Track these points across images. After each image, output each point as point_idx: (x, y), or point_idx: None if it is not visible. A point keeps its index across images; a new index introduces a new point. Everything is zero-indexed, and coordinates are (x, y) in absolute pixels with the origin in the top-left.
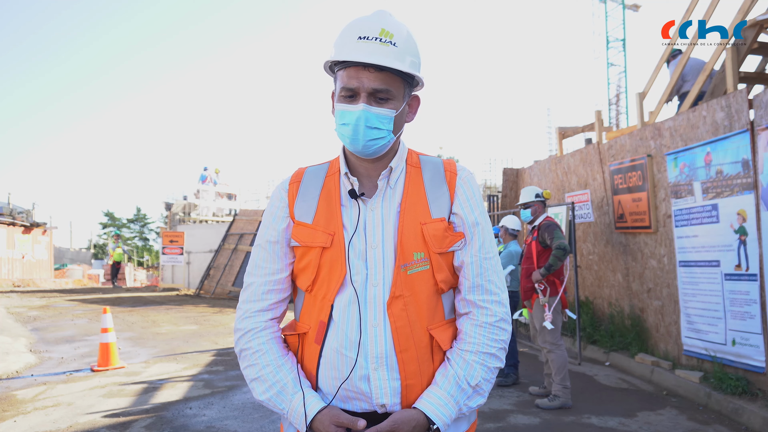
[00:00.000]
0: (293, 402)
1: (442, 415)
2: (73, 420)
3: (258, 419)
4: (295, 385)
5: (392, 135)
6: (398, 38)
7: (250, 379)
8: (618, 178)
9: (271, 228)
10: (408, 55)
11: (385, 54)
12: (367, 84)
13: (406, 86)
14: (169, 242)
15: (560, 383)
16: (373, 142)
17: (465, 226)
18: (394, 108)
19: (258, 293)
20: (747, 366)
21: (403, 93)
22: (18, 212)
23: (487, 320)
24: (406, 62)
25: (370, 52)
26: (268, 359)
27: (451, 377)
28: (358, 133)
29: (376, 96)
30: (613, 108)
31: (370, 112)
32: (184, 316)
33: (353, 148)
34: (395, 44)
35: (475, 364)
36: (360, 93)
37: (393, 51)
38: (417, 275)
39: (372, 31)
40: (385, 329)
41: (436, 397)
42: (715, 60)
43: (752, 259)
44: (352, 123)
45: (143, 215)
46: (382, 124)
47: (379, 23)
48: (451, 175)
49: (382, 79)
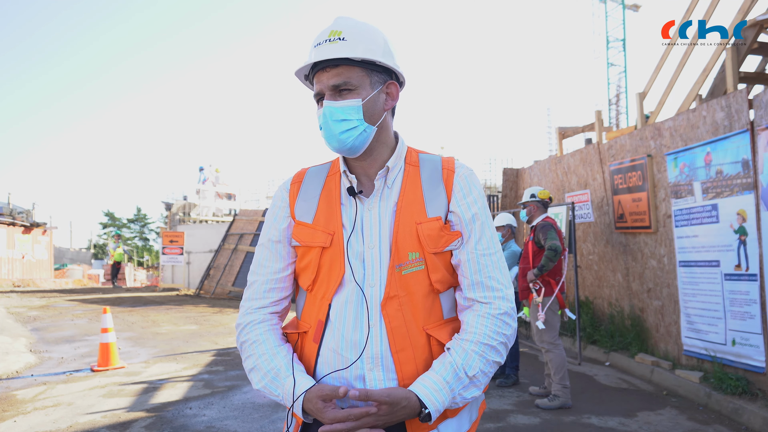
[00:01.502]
0: (285, 386)
1: (435, 400)
2: (73, 420)
3: (258, 419)
4: (287, 369)
5: (366, 124)
6: (347, 33)
7: (248, 370)
8: (618, 178)
9: (273, 227)
10: (360, 43)
11: (334, 50)
12: (326, 82)
13: (371, 74)
14: (169, 242)
15: (559, 383)
16: (346, 135)
17: (462, 223)
18: (358, 96)
19: (260, 291)
20: (747, 366)
21: (368, 81)
22: (18, 212)
23: (491, 312)
24: (358, 50)
25: (320, 52)
26: (264, 348)
27: (448, 364)
28: (330, 130)
29: (338, 91)
30: (613, 108)
31: (333, 107)
32: (184, 316)
33: (333, 147)
34: (343, 38)
35: (474, 354)
36: (324, 93)
37: (342, 45)
38: (411, 275)
39: (323, 36)
40: (381, 329)
41: (432, 381)
42: (715, 60)
43: (752, 259)
44: (322, 123)
45: (143, 215)
46: (349, 114)
47: (330, 27)
48: (448, 173)
49: (338, 73)
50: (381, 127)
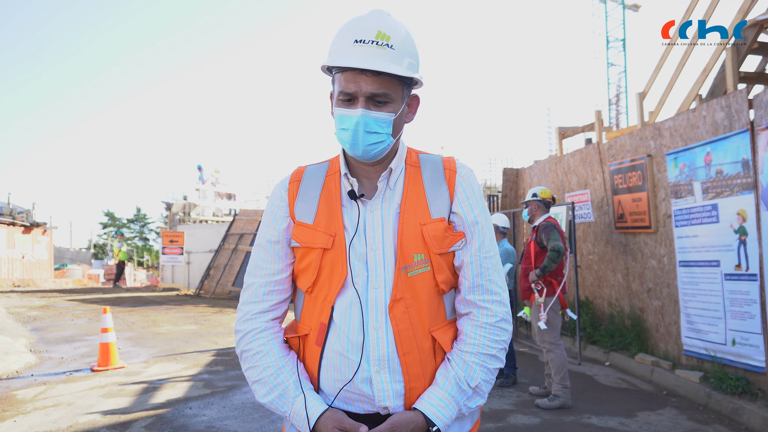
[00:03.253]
0: (295, 405)
1: (443, 416)
2: (73, 420)
3: (258, 419)
4: (296, 388)
5: (391, 138)
6: (395, 40)
7: (252, 382)
8: (618, 178)
9: (272, 228)
10: (406, 56)
11: (382, 58)
12: (365, 88)
13: (404, 88)
14: (169, 242)
15: (560, 383)
16: (372, 147)
17: (465, 225)
18: (393, 111)
19: (259, 294)
20: (747, 366)
21: (401, 95)
22: (18, 212)
23: (488, 321)
24: (404, 65)
25: (367, 56)
26: (269, 361)
27: (451, 378)
28: (357, 138)
29: (374, 100)
30: (613, 108)
31: (368, 117)
32: (184, 316)
33: (353, 153)
34: (392, 47)
35: (475, 365)
36: (358, 97)
37: (390, 54)
38: (418, 277)
39: (368, 33)
40: (387, 332)
41: (437, 398)
42: (715, 60)
43: (752, 259)
44: (351, 128)
45: (143, 215)
46: (381, 128)
47: (376, 25)
48: (450, 173)
49: (379, 83)
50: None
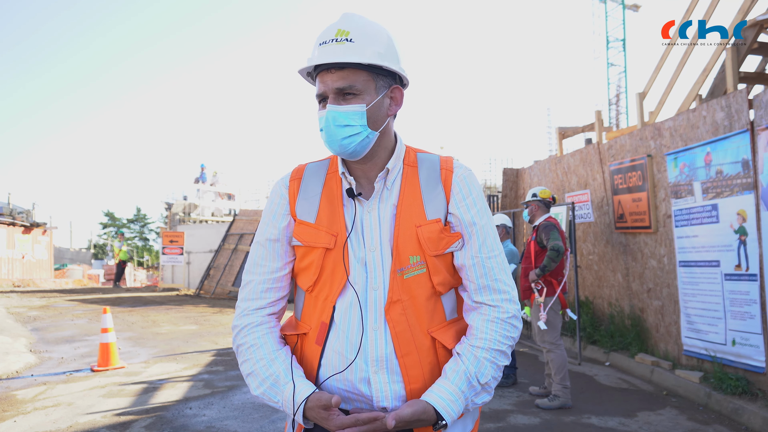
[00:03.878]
0: (285, 392)
1: (451, 411)
2: (73, 420)
3: (258, 419)
4: (286, 376)
5: (369, 129)
6: (355, 34)
7: (246, 375)
8: (618, 178)
9: (272, 226)
10: (369, 47)
11: (341, 52)
12: (331, 84)
13: (377, 78)
14: (169, 242)
15: (560, 383)
16: (348, 140)
17: (462, 226)
18: (363, 102)
19: (257, 291)
20: (747, 366)
21: (374, 86)
22: (18, 212)
23: (499, 316)
24: (366, 54)
25: (327, 53)
26: (262, 353)
27: (462, 373)
28: (331, 134)
29: (342, 94)
30: (613, 108)
31: (336, 111)
32: (184, 316)
33: (334, 151)
34: (351, 40)
35: (486, 361)
36: (328, 95)
37: (349, 47)
38: (413, 279)
39: (330, 34)
40: (385, 333)
41: (447, 392)
42: (715, 60)
43: (752, 259)
44: (324, 126)
45: (143, 215)
46: (352, 120)
47: (337, 25)
48: (446, 173)
49: (343, 77)
50: (383, 132)
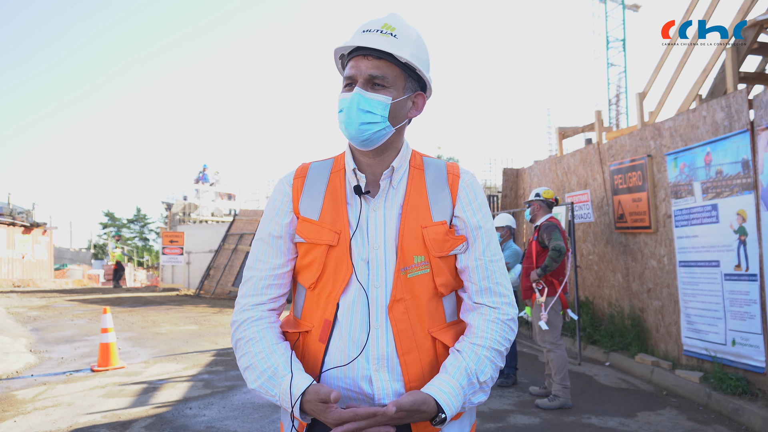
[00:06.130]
0: (282, 385)
1: (452, 405)
2: (73, 420)
3: (258, 419)
4: (285, 368)
5: (388, 123)
6: (400, 32)
7: (243, 368)
8: (618, 178)
9: (274, 222)
10: (408, 47)
11: (384, 41)
12: (364, 70)
13: (407, 79)
14: (169, 242)
15: (560, 383)
16: (366, 127)
17: (467, 229)
18: (390, 95)
19: (258, 287)
20: (747, 366)
21: (403, 84)
22: (18, 212)
23: (500, 317)
24: (406, 52)
25: (370, 39)
26: (261, 346)
27: (462, 369)
28: (351, 117)
29: (372, 82)
30: (613, 108)
31: (363, 96)
32: (184, 316)
33: (348, 134)
34: (395, 36)
35: (486, 360)
36: (357, 79)
37: (392, 41)
38: (417, 279)
39: (375, 25)
40: (387, 331)
41: (448, 386)
42: (715, 60)
43: (752, 259)
44: (346, 107)
45: (143, 215)
46: (376, 109)
47: (385, 20)
48: (453, 177)
49: (378, 66)
50: (398, 131)
